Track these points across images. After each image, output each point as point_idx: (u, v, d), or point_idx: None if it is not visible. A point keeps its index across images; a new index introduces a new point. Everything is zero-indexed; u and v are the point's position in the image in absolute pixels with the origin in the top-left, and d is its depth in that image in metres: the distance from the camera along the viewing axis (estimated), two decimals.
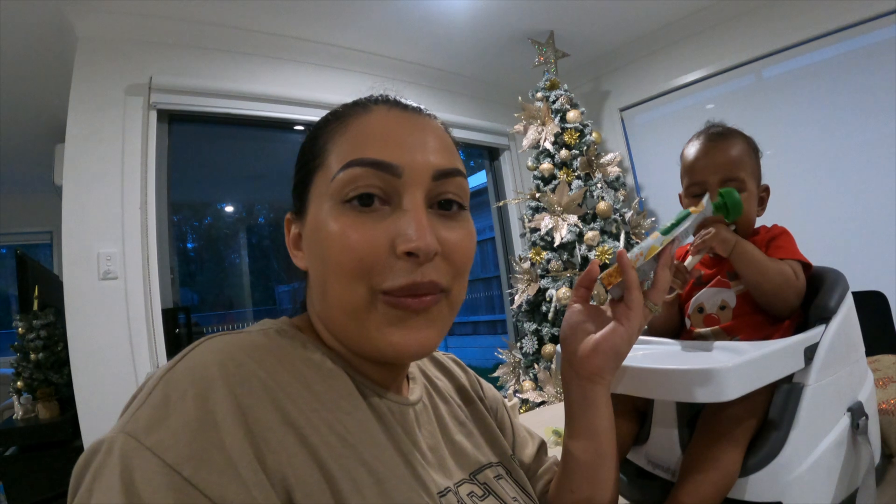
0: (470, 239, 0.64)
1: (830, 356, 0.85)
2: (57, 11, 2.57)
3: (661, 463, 0.94)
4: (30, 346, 3.09)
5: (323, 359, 0.60)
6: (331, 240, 0.58)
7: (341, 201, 0.58)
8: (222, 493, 0.43)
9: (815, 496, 0.82)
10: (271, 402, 0.50)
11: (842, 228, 2.95)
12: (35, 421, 3.02)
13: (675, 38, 3.69)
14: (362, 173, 0.58)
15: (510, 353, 3.44)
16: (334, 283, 0.58)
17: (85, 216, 2.50)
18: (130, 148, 2.65)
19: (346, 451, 0.53)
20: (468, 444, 0.75)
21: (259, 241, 4.45)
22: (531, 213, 3.45)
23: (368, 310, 0.58)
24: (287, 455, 0.48)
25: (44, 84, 3.23)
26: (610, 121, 4.13)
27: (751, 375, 0.74)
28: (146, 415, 0.46)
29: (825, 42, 3.05)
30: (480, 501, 0.69)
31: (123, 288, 2.53)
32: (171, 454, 0.43)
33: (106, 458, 0.44)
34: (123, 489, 0.41)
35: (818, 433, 0.83)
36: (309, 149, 0.66)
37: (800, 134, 3.18)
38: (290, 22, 3.07)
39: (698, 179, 1.13)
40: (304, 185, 0.65)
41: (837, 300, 0.93)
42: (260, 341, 0.56)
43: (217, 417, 0.46)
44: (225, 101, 2.98)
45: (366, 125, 0.61)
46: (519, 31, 3.49)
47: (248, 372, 0.51)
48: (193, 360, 0.51)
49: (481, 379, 0.93)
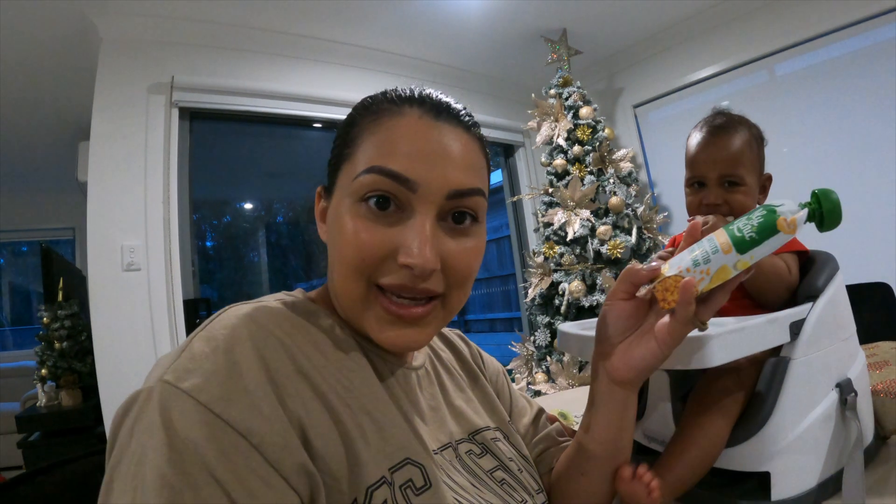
0: (475, 253, 0.67)
1: (817, 332, 0.87)
2: (80, 14, 2.64)
3: (657, 436, 0.97)
4: (54, 335, 3.17)
5: (332, 325, 0.66)
6: (344, 234, 0.62)
7: (360, 199, 0.62)
8: (248, 426, 0.49)
9: (802, 468, 0.83)
10: (288, 357, 0.57)
11: (854, 223, 2.94)
12: (58, 408, 3.10)
13: (688, 35, 3.69)
14: (381, 181, 0.61)
15: (523, 346, 3.47)
16: (339, 274, 0.64)
17: (109, 210, 2.57)
18: (153, 144, 2.72)
19: (352, 401, 0.59)
20: (468, 408, 0.80)
21: (277, 238, 4.49)
22: (545, 209, 3.47)
23: (366, 305, 0.64)
24: (302, 400, 0.54)
25: (67, 84, 3.32)
26: (623, 117, 4.14)
27: (736, 344, 0.75)
28: (180, 366, 0.51)
29: (838, 37, 3.05)
30: (478, 459, 0.73)
31: (146, 279, 2.60)
32: (203, 395, 0.49)
33: (145, 402, 0.50)
34: (163, 424, 0.47)
35: (805, 406, 0.85)
36: (344, 134, 0.69)
37: (813, 130, 3.17)
38: (308, 22, 3.12)
39: (697, 174, 1.15)
40: (336, 167, 0.68)
41: (826, 280, 0.95)
42: (277, 308, 0.63)
43: (242, 367, 0.52)
44: (244, 99, 3.03)
45: (394, 130, 0.63)
46: (532, 29, 3.50)
47: (267, 331, 0.57)
48: (221, 323, 0.56)
49: (482, 351, 0.97)
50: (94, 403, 2.90)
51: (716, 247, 0.65)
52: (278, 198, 4.65)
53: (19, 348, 5.75)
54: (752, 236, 0.65)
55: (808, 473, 0.84)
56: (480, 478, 0.70)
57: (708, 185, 1.14)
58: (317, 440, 0.54)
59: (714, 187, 1.13)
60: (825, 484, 0.85)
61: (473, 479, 0.69)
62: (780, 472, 0.82)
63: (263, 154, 3.84)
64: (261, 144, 3.71)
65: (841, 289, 0.99)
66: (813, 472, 0.84)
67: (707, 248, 0.66)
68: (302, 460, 0.51)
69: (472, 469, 0.71)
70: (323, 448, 0.54)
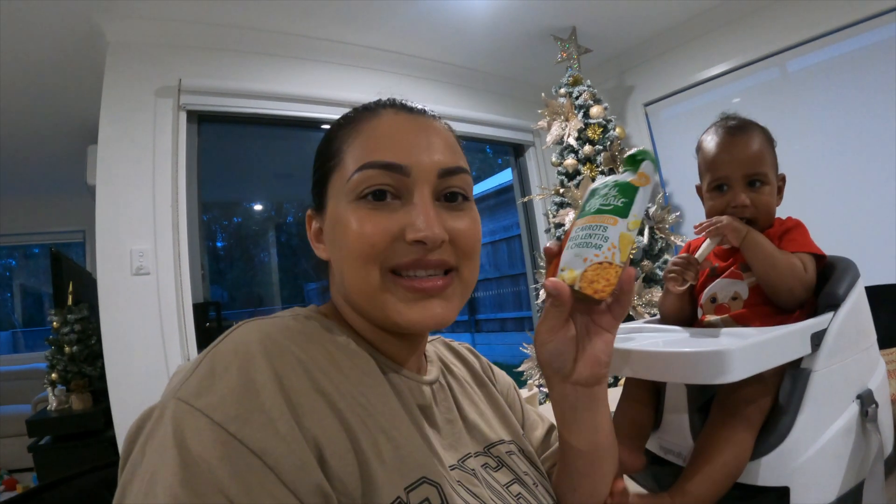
0: (474, 226, 0.69)
1: (839, 343, 0.85)
2: (88, 18, 2.63)
3: (673, 448, 0.96)
4: (64, 339, 3.17)
5: (347, 340, 0.66)
6: (348, 230, 0.64)
7: (357, 197, 0.64)
8: (264, 445, 0.48)
9: (823, 482, 0.82)
10: (304, 373, 0.56)
11: (868, 223, 2.91)
12: (69, 412, 3.11)
13: (699, 32, 3.65)
14: (375, 174, 0.64)
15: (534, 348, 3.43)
16: (350, 269, 0.64)
17: (118, 214, 2.57)
18: (161, 148, 2.71)
19: (368, 419, 0.58)
20: (482, 422, 0.79)
21: (287, 239, 4.50)
22: (555, 209, 3.45)
23: (384, 290, 0.64)
24: (318, 418, 0.54)
25: (75, 88, 3.31)
26: (634, 116, 4.11)
27: (756, 358, 0.74)
28: (195, 383, 0.51)
29: (851, 33, 3.00)
30: (494, 472, 0.73)
31: (155, 283, 2.59)
32: (218, 414, 0.48)
33: (159, 420, 0.50)
34: (176, 443, 0.47)
35: (826, 419, 0.84)
36: (325, 151, 0.72)
37: (826, 128, 3.13)
38: (315, 23, 3.11)
39: (722, 174, 1.13)
40: (322, 184, 0.71)
41: (847, 288, 0.93)
42: (292, 324, 0.62)
43: (257, 384, 0.51)
44: (252, 102, 3.02)
45: (375, 128, 0.67)
46: (541, 27, 3.47)
47: (283, 347, 0.56)
48: (235, 339, 0.56)
49: (493, 365, 0.98)
50: (104, 407, 2.90)
51: (602, 226, 0.66)
52: (287, 198, 4.65)
53: (31, 350, 5.78)
54: (623, 200, 0.67)
55: (827, 487, 0.83)
56: (498, 491, 0.70)
57: (732, 187, 1.12)
58: (333, 459, 0.53)
59: (739, 188, 1.11)
60: (845, 498, 0.84)
61: (491, 492, 0.68)
62: (799, 486, 0.81)
63: (272, 156, 3.84)
64: (269, 146, 3.71)
65: (862, 297, 0.97)
66: (833, 485, 0.83)
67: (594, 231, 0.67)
68: (318, 481, 0.50)
69: (489, 483, 0.70)
70: (339, 468, 0.53)
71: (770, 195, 1.12)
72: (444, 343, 0.94)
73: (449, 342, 0.96)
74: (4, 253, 6.30)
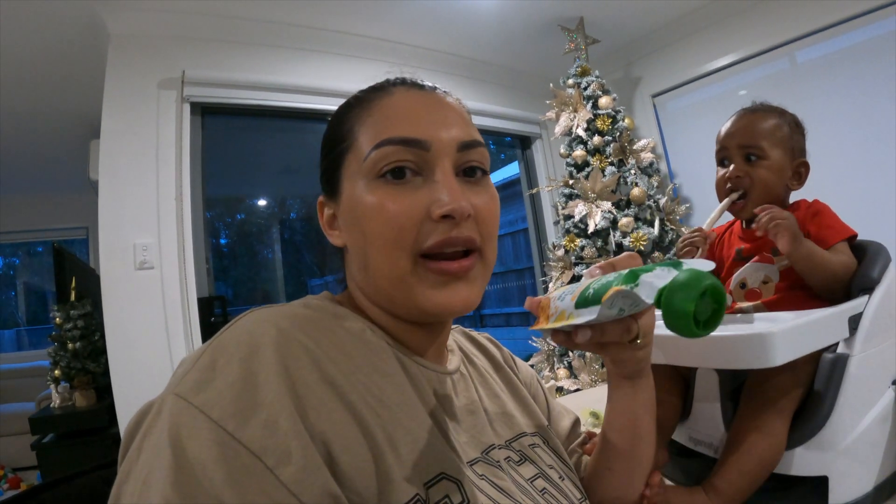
0: (495, 202, 0.68)
1: (875, 326, 0.83)
2: (90, 10, 2.60)
3: (704, 439, 0.93)
4: (67, 335, 3.16)
5: (363, 328, 0.63)
6: (369, 212, 0.61)
7: (375, 177, 0.62)
8: (264, 445, 0.45)
9: (860, 471, 0.80)
10: (313, 364, 0.53)
11: (879, 215, 2.86)
12: (72, 409, 3.09)
13: (708, 22, 3.60)
14: (394, 150, 0.61)
15: (545, 342, 3.41)
16: (376, 254, 0.62)
17: (121, 208, 2.54)
18: (165, 140, 2.68)
19: (383, 411, 0.55)
20: (503, 414, 0.77)
21: (291, 235, 4.48)
22: (564, 201, 3.41)
23: (413, 276, 0.61)
24: (327, 411, 0.51)
25: (78, 82, 3.29)
26: (642, 107, 4.07)
27: (798, 341, 0.72)
28: (194, 378, 0.49)
29: (862, 22, 2.95)
30: (518, 466, 0.70)
31: (159, 277, 2.56)
32: (216, 411, 0.46)
33: (156, 417, 0.48)
34: (171, 443, 0.44)
35: (863, 406, 0.81)
36: (334, 134, 0.70)
37: (837, 118, 3.07)
38: (320, 14, 3.08)
39: (720, 147, 1.17)
40: (335, 168, 0.68)
41: (880, 271, 0.90)
42: (302, 312, 0.59)
43: (260, 378, 0.49)
44: (256, 93, 2.99)
45: (390, 106, 0.65)
46: (548, 17, 3.44)
47: (290, 337, 0.53)
48: (239, 328, 0.54)
49: (514, 356, 0.95)
50: (108, 404, 2.89)
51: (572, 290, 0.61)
52: (292, 193, 4.64)
53: (35, 348, 5.77)
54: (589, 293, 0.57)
55: (865, 476, 0.80)
56: (522, 486, 0.67)
57: (730, 159, 1.15)
58: (343, 455, 0.50)
59: (736, 160, 1.14)
60: (882, 486, 0.82)
61: (515, 486, 0.65)
62: (838, 475, 0.78)
63: (276, 149, 3.82)
64: (273, 139, 3.69)
65: (894, 281, 0.93)
66: (870, 474, 0.81)
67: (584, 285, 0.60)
68: (324, 483, 0.47)
69: (514, 478, 0.67)
70: (349, 464, 0.50)
71: (770, 170, 1.11)
72: (464, 333, 0.92)
73: (469, 332, 0.93)
74: (8, 251, 6.32)
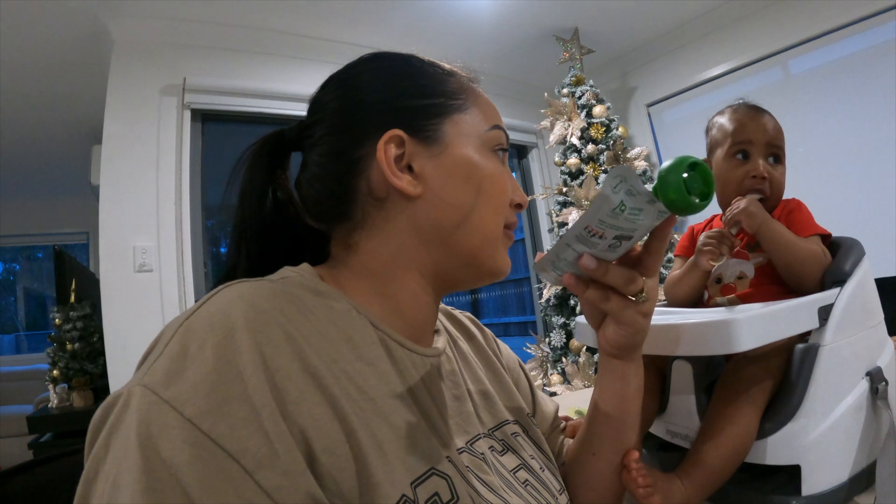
0: None
1: (846, 318, 0.84)
2: (93, 16, 2.64)
3: (681, 431, 0.94)
4: (66, 336, 3.17)
5: (348, 309, 0.59)
6: (494, 177, 0.68)
7: (491, 149, 0.69)
8: (243, 446, 0.42)
9: (834, 461, 0.81)
10: (292, 350, 0.49)
11: (869, 224, 2.89)
12: (70, 409, 3.09)
13: (702, 32, 3.65)
14: (504, 138, 0.71)
15: (538, 348, 3.43)
16: (487, 212, 0.67)
17: (121, 212, 2.57)
18: (165, 146, 2.72)
19: (366, 403, 0.52)
20: (486, 400, 0.75)
21: None
22: (559, 208, 3.45)
23: (500, 238, 0.69)
24: (308, 406, 0.47)
25: (81, 87, 3.32)
26: (637, 117, 4.11)
27: (764, 328, 0.74)
28: (164, 367, 0.44)
29: (854, 31, 3.00)
30: (500, 456, 0.69)
31: (158, 280, 2.59)
32: (189, 408, 0.42)
33: (123, 411, 0.43)
34: (139, 443, 0.41)
35: (835, 396, 0.82)
36: (441, 84, 0.69)
37: (830, 128, 3.11)
38: (319, 23, 3.11)
39: (746, 139, 1.09)
40: (436, 116, 0.66)
41: (853, 264, 0.92)
42: (281, 289, 0.54)
43: (238, 367, 0.45)
44: (257, 101, 3.02)
45: (487, 101, 0.74)
46: (543, 28, 3.48)
47: (268, 319, 0.49)
48: (212, 308, 0.49)
49: (497, 339, 0.92)
50: None
51: None
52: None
53: (33, 352, 5.77)
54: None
55: (839, 466, 0.82)
56: (506, 478, 0.66)
57: (753, 156, 1.09)
58: (324, 456, 0.47)
59: (760, 158, 1.09)
60: (857, 477, 0.83)
61: (499, 479, 0.64)
62: (811, 465, 0.80)
63: None
64: None
65: (868, 274, 0.96)
66: (845, 465, 0.82)
67: None
68: (307, 487, 0.44)
69: (497, 469, 0.66)
70: (331, 465, 0.47)
71: (782, 177, 1.10)
72: (446, 312, 0.87)
73: (450, 310, 0.89)
74: (8, 256, 6.30)
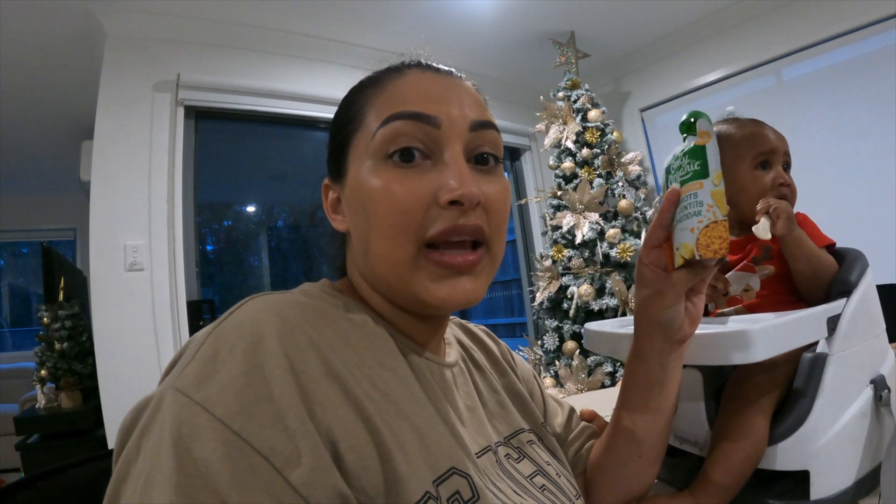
0: (506, 191, 0.65)
1: (852, 327, 0.86)
2: (86, 11, 2.62)
3: (689, 437, 0.95)
4: (54, 335, 3.13)
5: (365, 319, 0.61)
6: (374, 195, 0.58)
7: (383, 157, 0.59)
8: (271, 444, 0.43)
9: (841, 466, 0.83)
10: (317, 356, 0.50)
11: (863, 232, 2.91)
12: (58, 409, 3.05)
13: (696, 39, 3.68)
14: (403, 126, 0.59)
15: (531, 351, 3.44)
16: (379, 239, 0.59)
17: (112, 209, 2.55)
18: (158, 143, 2.70)
19: (388, 405, 0.53)
20: (502, 410, 0.76)
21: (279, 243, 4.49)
22: (553, 212, 3.45)
23: (416, 266, 0.59)
24: (332, 407, 0.49)
25: (71, 82, 3.30)
26: (630, 121, 4.13)
27: (779, 338, 0.74)
28: (195, 370, 0.46)
29: (847, 41, 3.02)
30: (516, 463, 0.69)
31: (149, 279, 2.57)
32: (220, 408, 0.43)
33: (154, 413, 0.45)
34: (173, 442, 0.42)
35: (842, 403, 0.84)
36: (344, 113, 0.67)
37: (822, 135, 3.14)
38: (316, 22, 3.11)
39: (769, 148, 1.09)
40: (342, 149, 0.66)
41: (858, 275, 0.93)
42: (304, 301, 0.56)
43: (265, 370, 0.46)
44: (251, 99, 3.01)
45: (402, 85, 0.63)
46: (540, 31, 3.50)
47: (294, 326, 0.51)
48: (241, 316, 0.51)
49: (512, 350, 0.93)
50: (94, 405, 2.86)
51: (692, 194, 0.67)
52: (280, 201, 4.64)
53: (18, 350, 5.71)
54: (698, 163, 0.68)
55: (846, 471, 0.83)
56: (521, 484, 0.66)
57: (773, 166, 1.10)
58: (349, 454, 0.48)
59: (781, 168, 1.10)
60: (862, 481, 0.84)
61: (515, 485, 0.65)
62: (819, 470, 0.81)
63: (268, 155, 3.83)
64: (266, 145, 3.71)
65: (871, 285, 0.97)
66: (851, 469, 0.84)
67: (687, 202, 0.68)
68: (334, 483, 0.45)
69: (512, 474, 0.66)
70: (356, 464, 0.48)
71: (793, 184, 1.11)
72: (461, 325, 0.89)
73: (465, 324, 0.90)
74: None
